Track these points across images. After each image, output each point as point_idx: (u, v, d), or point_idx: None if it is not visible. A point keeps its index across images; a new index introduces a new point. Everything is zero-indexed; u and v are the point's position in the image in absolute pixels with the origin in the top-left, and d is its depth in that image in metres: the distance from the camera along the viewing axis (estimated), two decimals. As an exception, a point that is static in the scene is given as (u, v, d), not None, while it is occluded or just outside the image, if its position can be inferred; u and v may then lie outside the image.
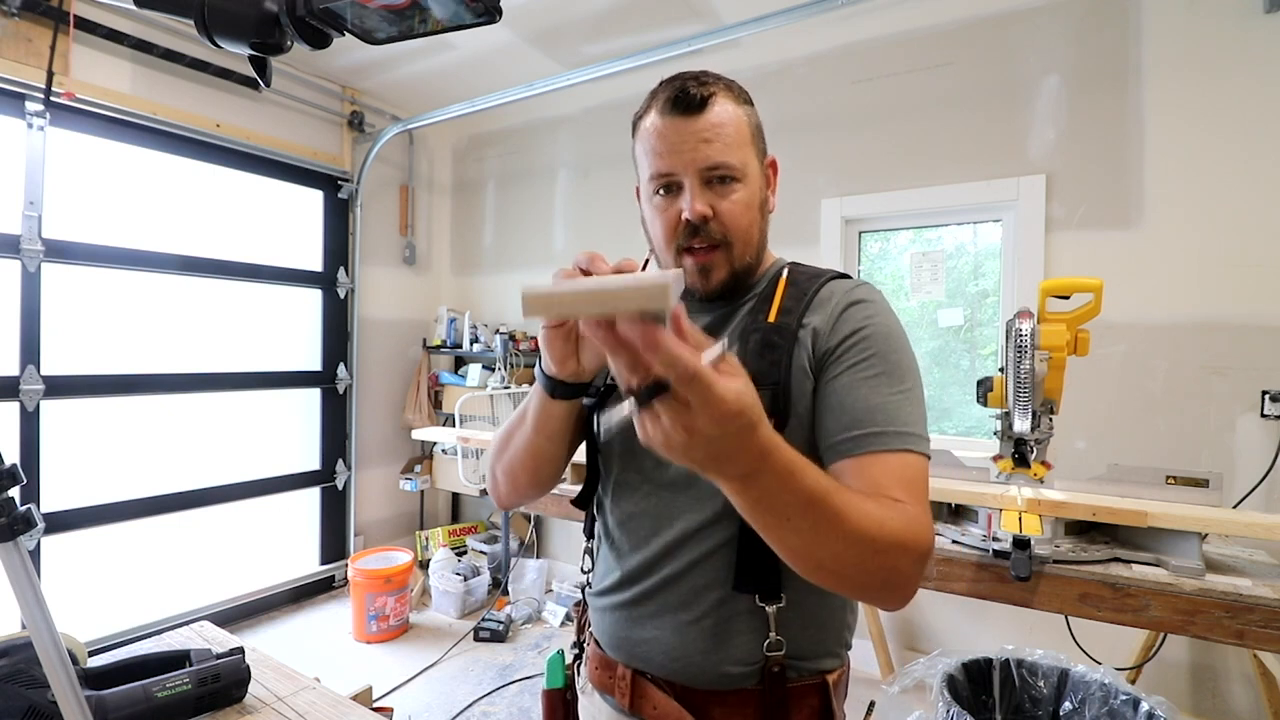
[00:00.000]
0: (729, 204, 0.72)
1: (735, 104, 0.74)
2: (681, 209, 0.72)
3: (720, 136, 0.71)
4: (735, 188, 0.72)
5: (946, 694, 1.33)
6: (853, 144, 2.62)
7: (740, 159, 0.72)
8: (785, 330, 0.72)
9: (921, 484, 0.65)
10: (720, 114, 0.72)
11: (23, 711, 0.75)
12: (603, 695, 0.81)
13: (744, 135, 0.74)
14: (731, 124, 0.72)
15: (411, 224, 3.73)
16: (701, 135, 0.71)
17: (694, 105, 0.70)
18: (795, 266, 0.81)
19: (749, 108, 0.76)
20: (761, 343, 0.72)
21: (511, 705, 2.31)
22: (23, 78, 2.22)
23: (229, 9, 0.60)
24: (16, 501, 0.58)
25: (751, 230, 0.75)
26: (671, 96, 0.71)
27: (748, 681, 0.71)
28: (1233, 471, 1.97)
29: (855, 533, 0.54)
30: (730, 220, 0.72)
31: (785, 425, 0.69)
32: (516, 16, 2.61)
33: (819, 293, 0.75)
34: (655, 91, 0.75)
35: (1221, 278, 2.00)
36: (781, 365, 0.70)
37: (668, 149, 0.72)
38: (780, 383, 0.69)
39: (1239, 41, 1.97)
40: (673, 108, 0.71)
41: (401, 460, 3.71)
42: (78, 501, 2.45)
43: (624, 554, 0.79)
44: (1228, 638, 1.15)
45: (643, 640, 0.75)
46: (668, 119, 0.72)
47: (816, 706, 0.73)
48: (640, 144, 0.76)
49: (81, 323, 2.49)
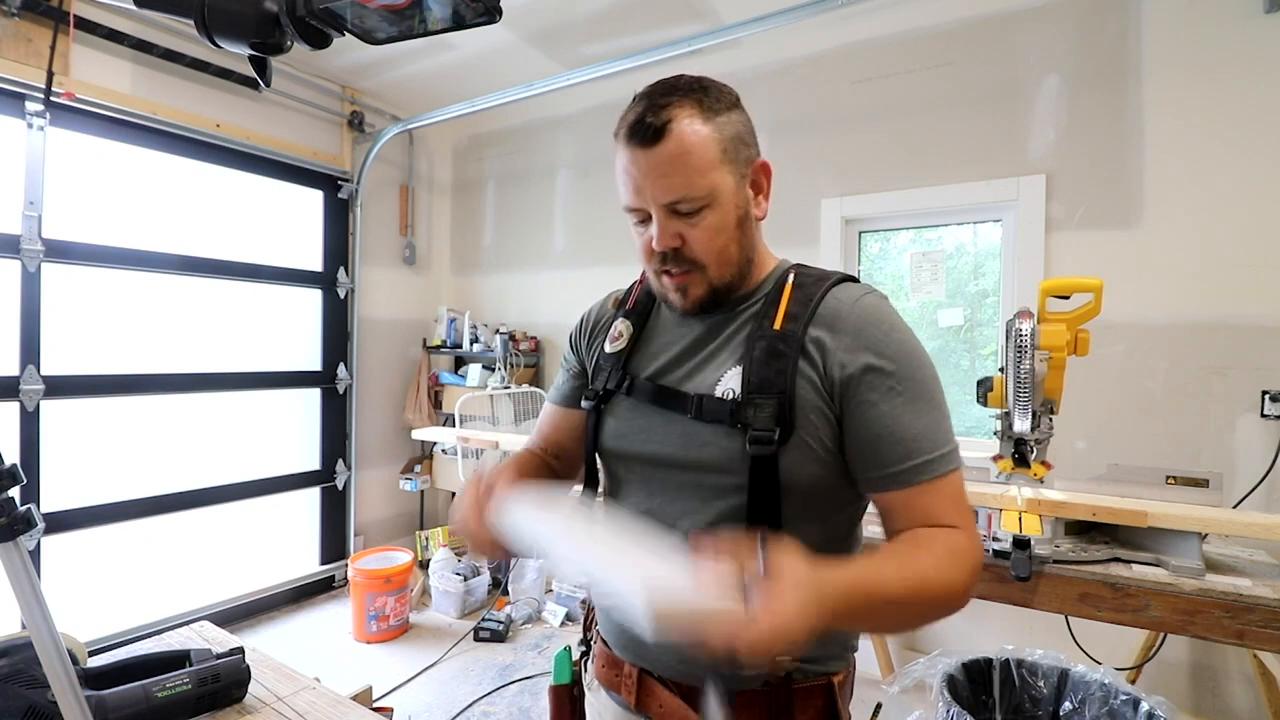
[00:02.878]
0: (698, 231, 0.71)
1: (701, 122, 0.69)
2: (653, 237, 0.72)
3: (679, 169, 0.68)
4: (703, 214, 0.70)
5: (946, 694, 1.33)
6: (853, 144, 2.62)
7: (705, 186, 0.69)
8: (790, 338, 0.71)
9: (965, 497, 0.70)
10: (679, 143, 0.68)
11: (23, 711, 0.75)
12: (609, 692, 0.81)
13: (709, 157, 0.69)
14: (694, 150, 0.68)
15: (411, 224, 3.73)
16: (660, 170, 0.69)
17: (648, 136, 0.68)
18: (801, 270, 0.79)
19: (722, 118, 0.70)
20: (767, 350, 0.71)
21: (511, 705, 2.31)
22: (23, 78, 2.22)
23: (229, 9, 0.60)
24: (16, 501, 0.58)
25: (728, 249, 0.73)
26: (631, 123, 0.69)
27: (754, 683, 0.71)
28: (1233, 471, 1.96)
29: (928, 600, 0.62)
30: (700, 246, 0.72)
31: (790, 435, 0.68)
32: (516, 16, 2.61)
33: (824, 300, 0.73)
34: (625, 111, 0.72)
35: (1221, 278, 2.00)
36: (787, 374, 0.69)
37: (632, 184, 0.71)
38: (786, 392, 0.69)
39: (1239, 41, 1.97)
40: (630, 137, 0.70)
41: (401, 460, 3.71)
42: (78, 501, 2.45)
43: None
44: (1228, 638, 1.15)
45: (650, 641, 0.74)
46: (630, 150, 0.70)
47: (821, 707, 0.73)
48: (617, 167, 0.74)
49: (81, 323, 2.48)
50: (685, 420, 0.74)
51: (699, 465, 0.72)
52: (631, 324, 0.85)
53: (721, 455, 0.71)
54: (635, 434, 0.78)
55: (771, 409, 0.68)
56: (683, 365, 0.78)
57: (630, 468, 0.80)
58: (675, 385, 0.77)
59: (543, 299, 3.57)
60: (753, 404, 0.69)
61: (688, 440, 0.73)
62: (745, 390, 0.70)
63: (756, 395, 0.69)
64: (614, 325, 0.87)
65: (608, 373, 0.83)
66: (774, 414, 0.68)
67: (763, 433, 0.67)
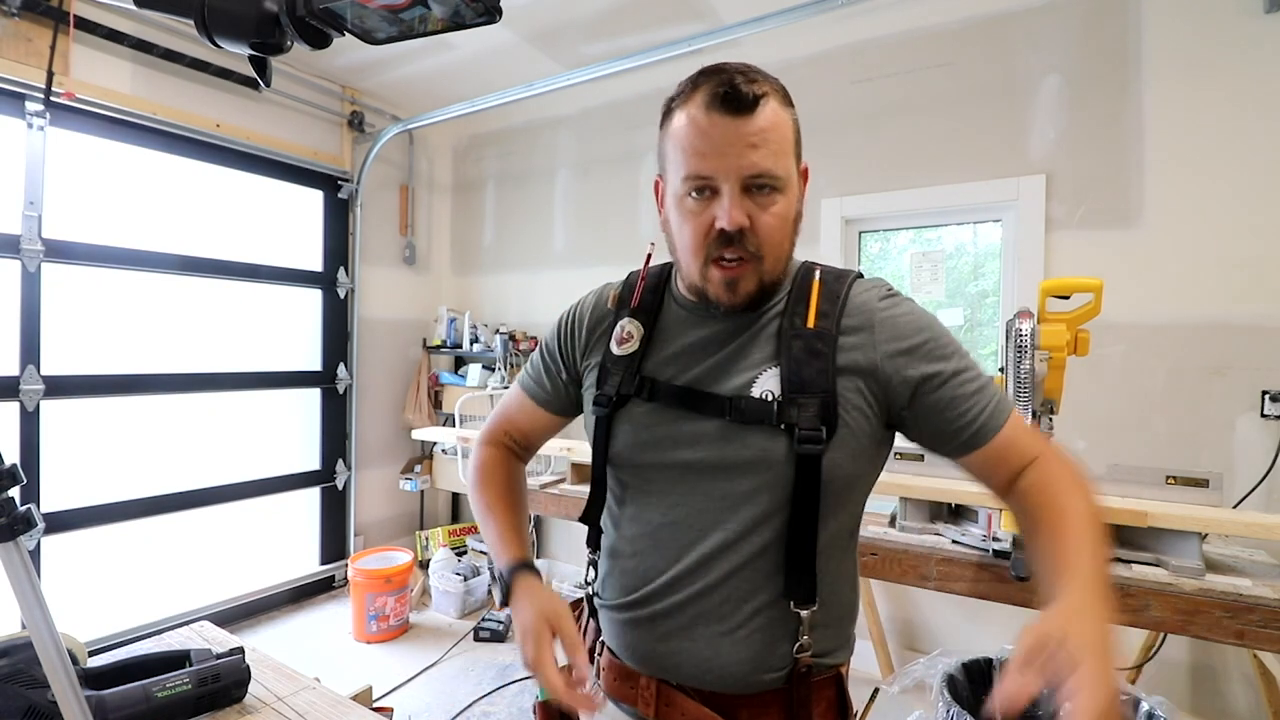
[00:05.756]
0: (768, 216, 0.67)
1: (783, 107, 0.68)
2: (716, 216, 0.67)
3: (768, 142, 0.66)
4: (775, 198, 0.68)
5: (946, 694, 1.33)
6: (853, 144, 2.62)
7: (785, 168, 0.68)
8: (826, 336, 0.70)
9: (1027, 425, 0.75)
10: (770, 117, 0.66)
11: (23, 711, 0.75)
12: (618, 704, 0.79)
13: (789, 142, 0.68)
14: (780, 129, 0.67)
15: (411, 224, 3.73)
16: (749, 139, 0.65)
17: (745, 105, 0.64)
18: (823, 267, 0.77)
19: (793, 111, 0.70)
20: (806, 349, 0.70)
21: (511, 705, 2.31)
22: (23, 78, 2.22)
23: (229, 9, 0.60)
24: (16, 501, 0.58)
25: (785, 244, 0.71)
26: (720, 92, 0.64)
27: (776, 683, 0.71)
28: (1233, 471, 1.96)
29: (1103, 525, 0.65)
30: (766, 234, 0.68)
31: (834, 433, 0.68)
32: (516, 16, 2.61)
33: (849, 298, 0.73)
34: (696, 81, 0.68)
35: (1221, 278, 2.00)
36: (829, 373, 0.69)
37: (710, 149, 0.66)
38: (829, 390, 0.68)
39: (1239, 41, 1.97)
40: (721, 104, 0.65)
41: (401, 460, 3.71)
42: (78, 501, 2.45)
43: (649, 566, 0.75)
44: (1228, 638, 1.15)
45: (672, 653, 0.73)
46: (713, 116, 0.65)
47: (833, 698, 0.74)
48: (674, 138, 0.69)
49: (81, 323, 2.48)
50: (719, 423, 0.71)
51: (737, 468, 0.70)
52: (640, 324, 0.80)
53: (763, 457, 0.69)
54: (659, 441, 0.74)
55: (816, 408, 0.68)
56: (705, 366, 0.75)
57: (648, 478, 0.76)
58: (702, 387, 0.73)
59: (543, 299, 3.57)
60: (795, 404, 0.68)
61: (725, 443, 0.71)
62: (786, 390, 0.69)
63: (799, 395, 0.68)
64: (619, 326, 0.81)
65: (619, 377, 0.78)
66: (819, 413, 0.68)
67: (811, 432, 0.67)
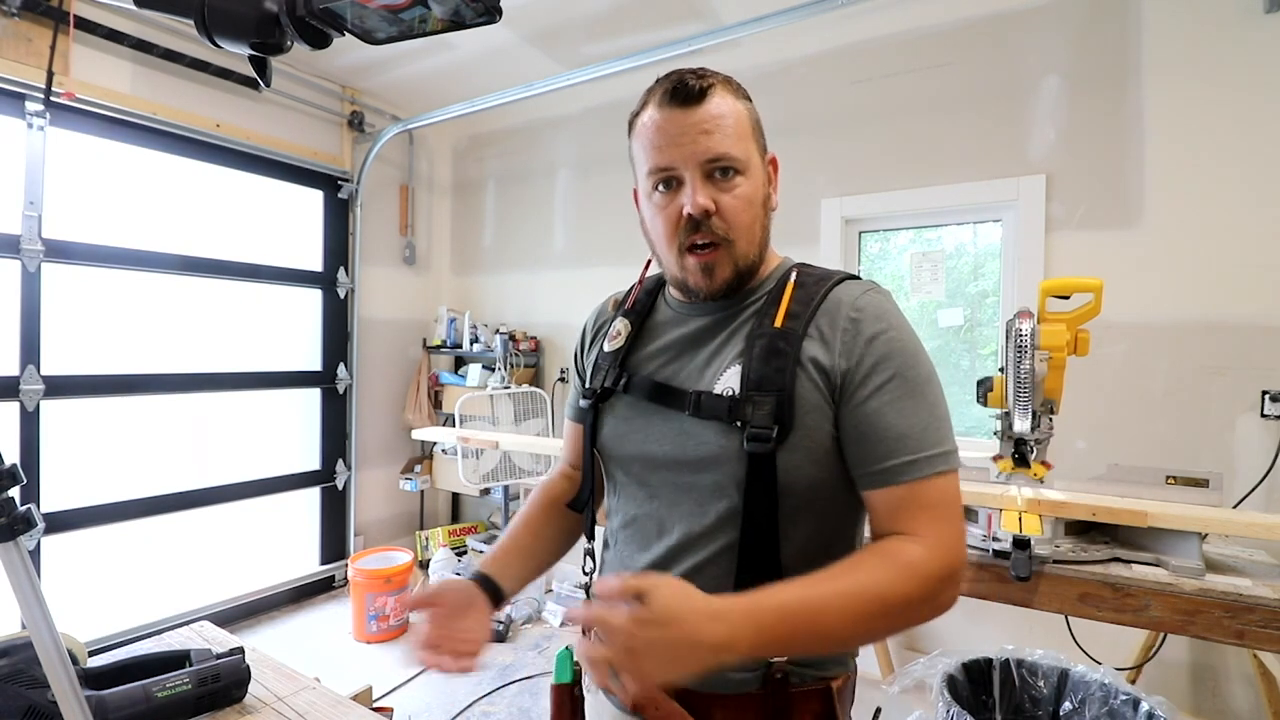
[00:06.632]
0: (731, 198, 0.70)
1: (734, 97, 0.73)
2: (683, 204, 0.70)
3: (721, 128, 0.69)
4: (737, 181, 0.71)
5: (946, 694, 1.33)
6: (853, 144, 2.62)
7: (742, 150, 0.71)
8: (791, 336, 0.70)
9: (951, 503, 0.67)
10: (719, 105, 0.70)
11: (23, 711, 0.75)
12: (605, 695, 0.81)
13: (745, 128, 0.72)
14: (731, 115, 0.71)
15: (411, 224, 3.73)
16: (701, 126, 0.69)
17: (692, 96, 0.69)
18: (804, 268, 0.78)
19: (748, 103, 0.75)
20: (767, 349, 0.71)
21: (511, 705, 2.31)
22: (23, 78, 2.22)
23: (229, 9, 0.60)
24: (16, 501, 0.58)
25: (754, 227, 0.73)
26: (669, 89, 0.70)
27: (750, 686, 0.70)
28: (1233, 471, 1.96)
29: (879, 613, 0.60)
30: (732, 215, 0.71)
31: (790, 433, 0.68)
32: (516, 16, 2.61)
33: (826, 298, 0.72)
34: (651, 88, 0.73)
35: (1221, 278, 2.00)
36: (787, 372, 0.69)
37: (666, 142, 0.70)
38: (785, 389, 0.68)
39: (1239, 42, 1.97)
40: (670, 99, 0.70)
41: (401, 460, 3.71)
42: (78, 501, 2.45)
43: (627, 558, 0.79)
44: (1228, 638, 1.15)
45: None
46: (666, 111, 0.70)
47: (819, 712, 0.72)
48: (638, 140, 0.74)
49: (81, 323, 2.48)
50: (683, 418, 0.73)
51: (698, 463, 0.72)
52: (630, 322, 0.85)
53: (718, 453, 0.70)
54: (633, 433, 0.78)
55: (770, 406, 0.67)
56: (683, 362, 0.78)
57: (627, 469, 0.79)
58: (674, 382, 0.76)
59: (542, 299, 3.57)
60: (751, 401, 0.68)
61: (685, 438, 0.73)
62: (744, 387, 0.70)
63: (755, 392, 0.69)
64: (613, 325, 0.86)
65: (605, 371, 0.82)
66: (772, 412, 0.67)
67: (761, 430, 0.67)
